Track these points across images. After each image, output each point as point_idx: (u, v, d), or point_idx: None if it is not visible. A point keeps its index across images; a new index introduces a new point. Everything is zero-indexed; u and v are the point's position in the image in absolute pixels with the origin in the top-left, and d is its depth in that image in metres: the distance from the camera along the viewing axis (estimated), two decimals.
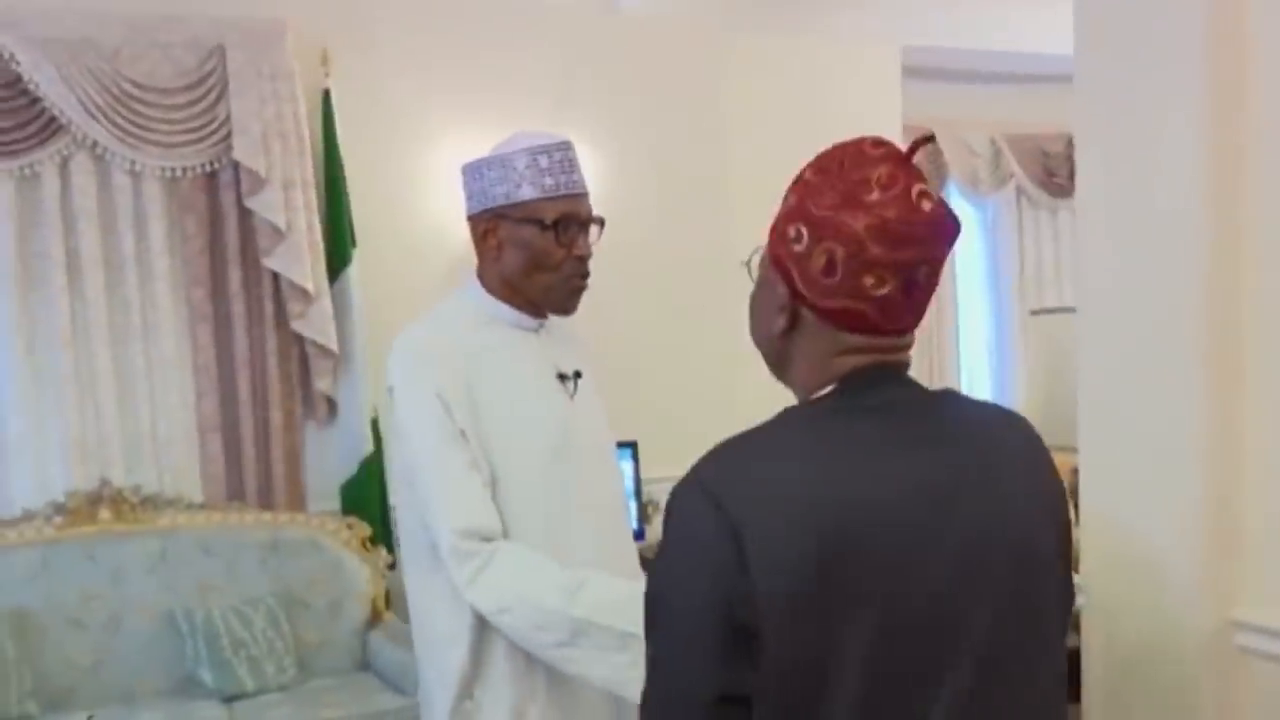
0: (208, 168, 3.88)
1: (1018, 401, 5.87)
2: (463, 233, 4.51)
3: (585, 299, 1.94)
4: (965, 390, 5.95)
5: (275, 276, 3.94)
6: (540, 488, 1.84)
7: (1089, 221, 2.50)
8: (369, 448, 4.00)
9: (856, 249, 1.09)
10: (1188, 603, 2.26)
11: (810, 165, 1.16)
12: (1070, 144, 6.16)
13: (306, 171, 3.97)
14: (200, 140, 3.84)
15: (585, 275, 1.90)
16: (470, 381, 1.81)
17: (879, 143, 1.14)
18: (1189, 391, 2.24)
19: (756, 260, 1.24)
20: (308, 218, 3.95)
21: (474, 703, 1.84)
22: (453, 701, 1.83)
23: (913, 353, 1.19)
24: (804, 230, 1.13)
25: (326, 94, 4.05)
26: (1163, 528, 2.31)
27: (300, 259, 3.89)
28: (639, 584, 1.67)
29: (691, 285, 4.62)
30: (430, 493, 1.79)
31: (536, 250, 1.84)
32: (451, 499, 1.77)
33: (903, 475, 1.09)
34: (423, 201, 4.24)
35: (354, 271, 4.03)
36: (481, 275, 1.92)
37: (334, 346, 3.98)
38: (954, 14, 4.95)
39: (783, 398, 1.23)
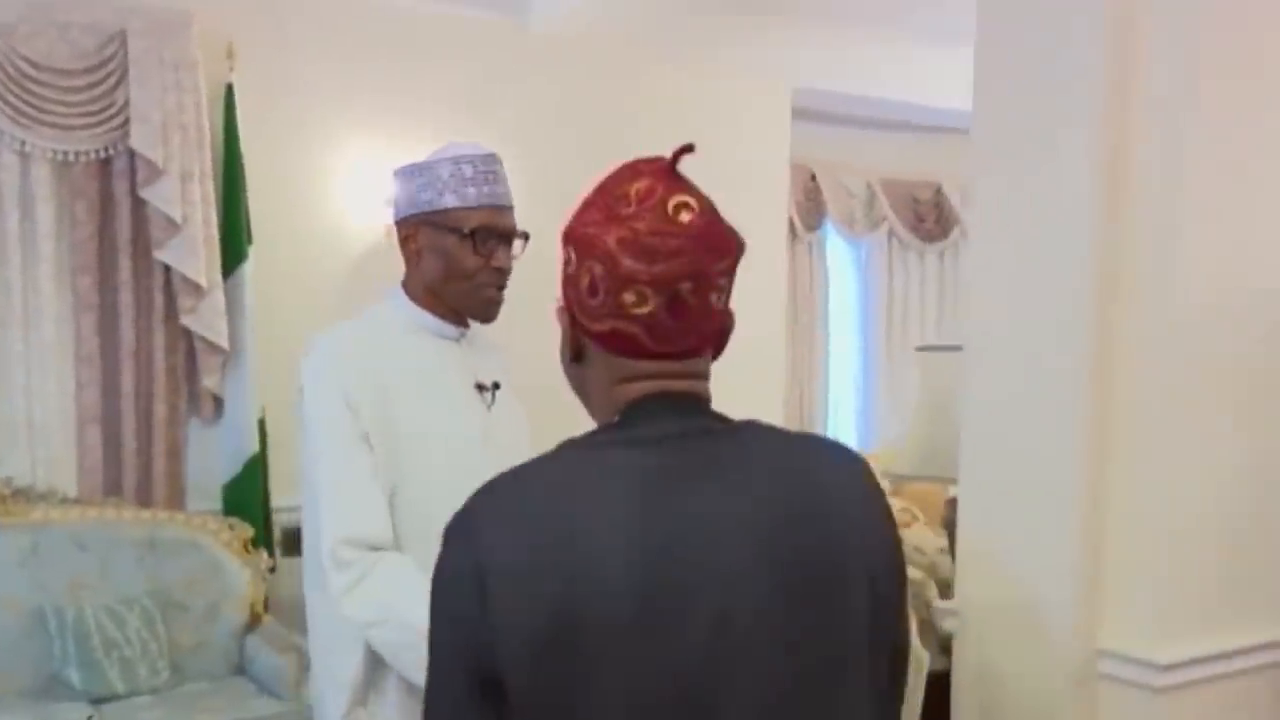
0: (102, 153, 3.77)
1: (894, 435, 6.16)
2: (363, 235, 4.55)
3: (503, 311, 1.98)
4: (831, 426, 6.27)
5: (167, 269, 3.85)
6: (453, 497, 1.85)
7: (978, 263, 2.66)
8: (254, 448, 3.93)
9: (611, 265, 1.04)
10: (1058, 632, 2.38)
11: (590, 190, 1.14)
12: (938, 191, 6.57)
13: (205, 164, 3.90)
14: (96, 125, 3.73)
15: (501, 287, 1.93)
16: (385, 386, 1.82)
17: (651, 159, 1.13)
18: (1066, 431, 2.38)
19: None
20: (204, 211, 3.87)
21: (366, 712, 1.83)
22: (345, 708, 1.82)
23: (783, 387, 1.19)
24: (572, 251, 1.10)
25: (230, 88, 3.99)
26: (1036, 560, 2.43)
27: (194, 253, 3.82)
28: None
29: None
30: (320, 496, 1.79)
31: (453, 258, 1.87)
32: (341, 505, 1.77)
33: (660, 518, 1.02)
34: (323, 202, 4.21)
35: (249, 268, 3.97)
36: (405, 282, 1.95)
37: (224, 343, 3.90)
38: (843, 59, 5.20)
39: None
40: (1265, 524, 2.45)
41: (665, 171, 1.11)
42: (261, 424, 3.96)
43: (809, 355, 6.20)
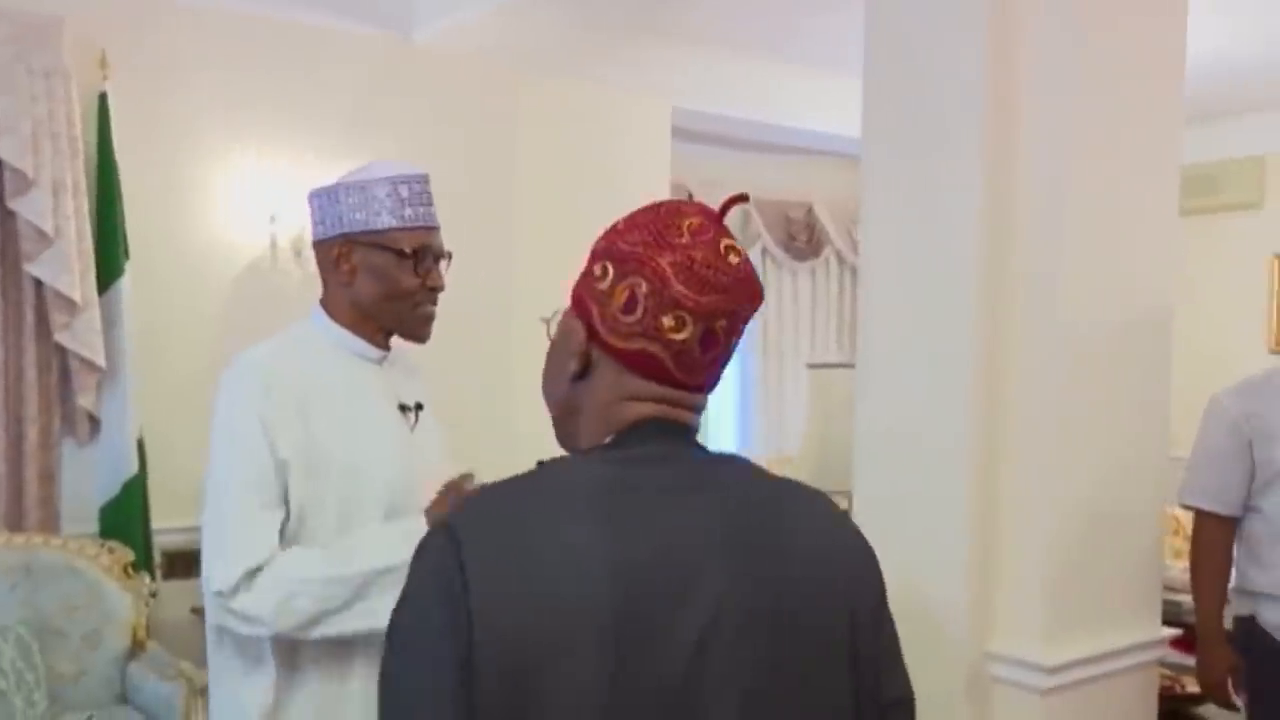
0: None
1: (773, 448, 6.32)
2: (246, 249, 4.45)
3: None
4: (712, 438, 6.39)
5: (38, 284, 3.70)
6: (377, 516, 1.84)
7: (870, 282, 2.77)
8: (133, 469, 3.80)
9: (660, 284, 1.08)
10: (950, 637, 2.48)
11: (622, 217, 1.16)
12: (809, 211, 6.79)
13: (78, 175, 3.76)
14: None
15: (435, 305, 1.94)
16: (307, 407, 1.80)
17: (694, 202, 1.17)
18: (957, 442, 2.47)
19: (556, 320, 1.21)
20: (78, 224, 3.74)
21: None
22: None
23: None
24: (609, 266, 1.12)
25: (103, 96, 3.87)
26: (928, 568, 2.51)
27: (68, 267, 3.68)
28: (406, 521, 1.79)
29: (469, 313, 4.70)
30: (218, 523, 1.77)
31: (392, 278, 1.86)
32: (244, 534, 1.75)
33: (643, 537, 1.04)
34: (204, 215, 4.11)
35: (126, 283, 3.85)
36: (326, 303, 1.92)
37: (100, 360, 3.76)
38: (721, 81, 5.34)
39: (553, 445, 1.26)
40: (1137, 530, 2.63)
41: (716, 216, 1.14)
42: (140, 444, 3.83)
43: None
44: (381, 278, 1.87)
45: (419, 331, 1.95)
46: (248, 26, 4.20)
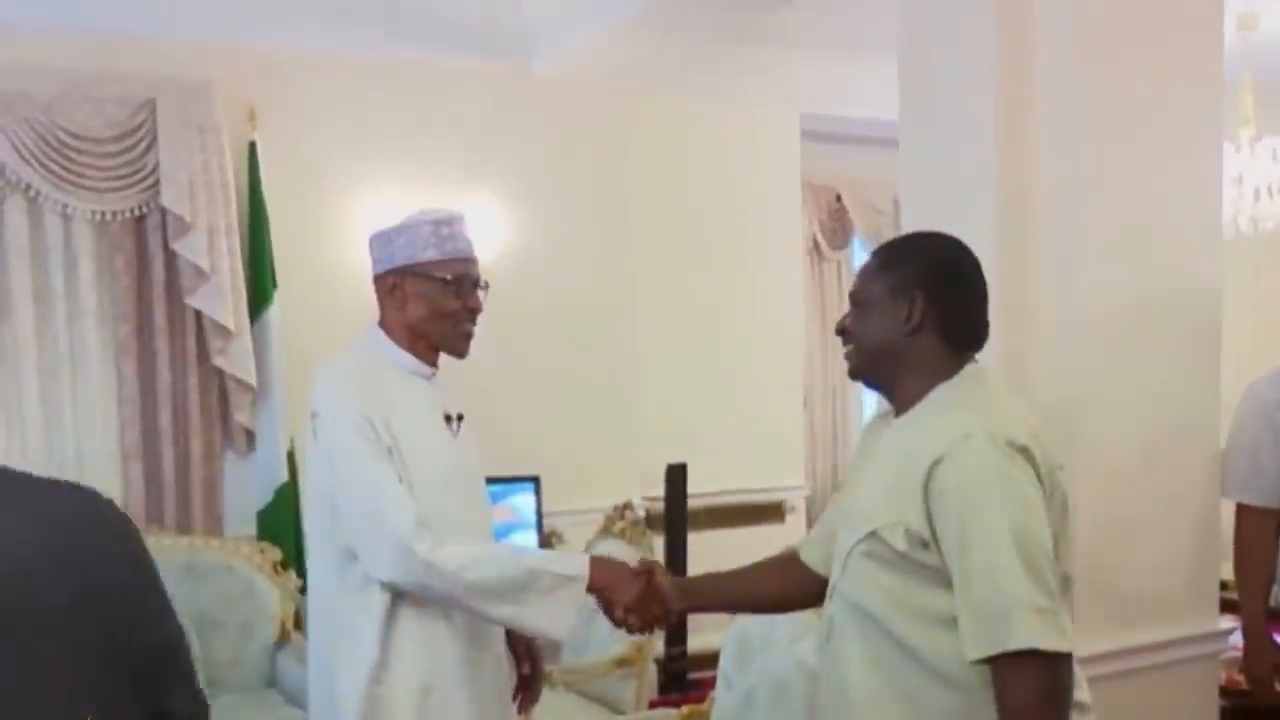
0: (136, 212, 4.14)
1: None
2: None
3: (498, 343, 2.27)
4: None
5: (198, 314, 4.19)
6: (433, 511, 2.11)
7: None
8: (285, 477, 4.24)
9: None
10: None
11: None
12: None
13: (231, 218, 4.24)
14: (130, 187, 4.10)
15: (474, 324, 2.25)
16: (386, 413, 2.11)
17: None
18: None
19: None
20: (230, 261, 4.21)
21: (384, 687, 2.09)
22: (365, 688, 2.08)
23: (799, 401, 1.38)
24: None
25: (252, 146, 4.33)
26: None
27: (222, 299, 4.16)
28: (574, 555, 2.13)
29: (594, 331, 4.93)
30: (371, 497, 2.05)
31: (437, 302, 2.18)
32: (399, 499, 2.05)
33: None
34: (342, 247, 4.51)
35: (274, 311, 4.30)
36: (386, 326, 2.24)
37: (253, 381, 4.23)
38: (850, 82, 5.34)
39: (686, 436, 1.42)
40: (1183, 522, 2.54)
41: None
42: (290, 455, 4.26)
43: (840, 371, 6.30)
44: (429, 302, 2.19)
45: (460, 347, 2.26)
46: (376, 71, 4.59)
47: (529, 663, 2.41)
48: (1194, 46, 2.62)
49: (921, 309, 1.70)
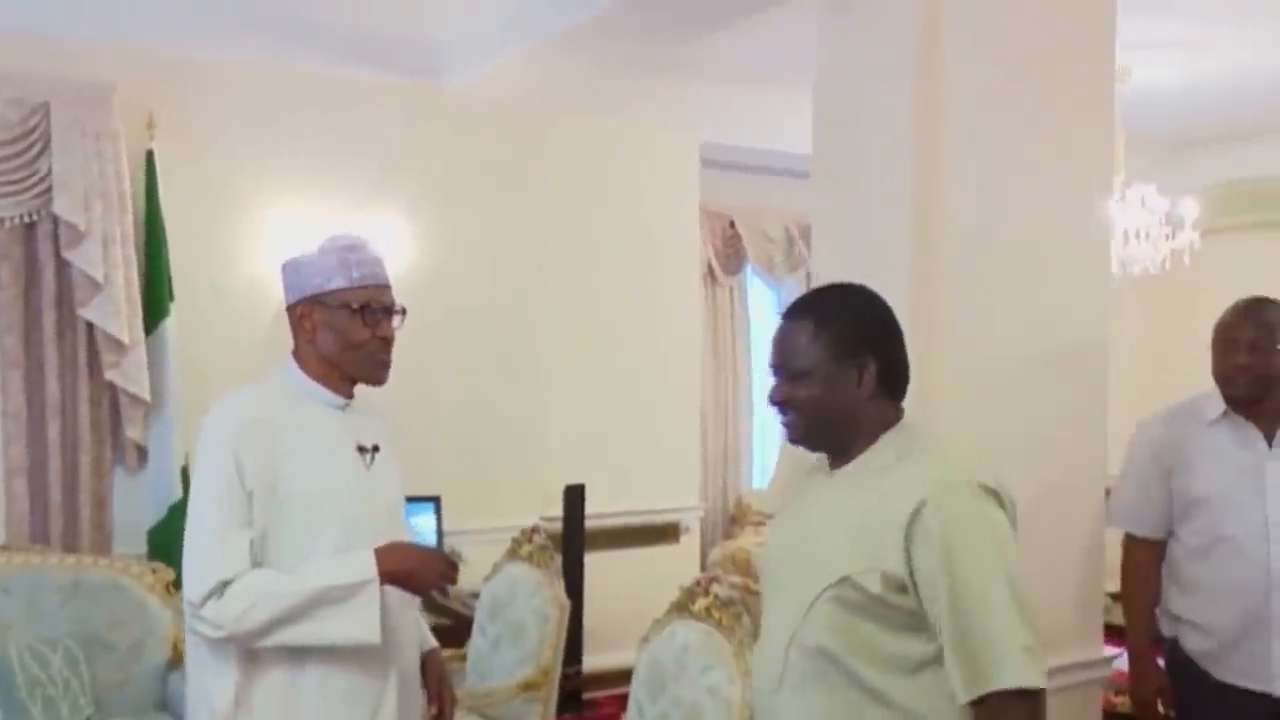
0: (26, 219, 4.00)
1: None
2: (280, 291, 4.77)
3: (399, 360, 2.27)
4: (758, 460, 6.51)
5: (90, 326, 4.07)
6: (334, 542, 2.12)
7: None
8: (178, 494, 4.13)
9: None
10: None
11: None
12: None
13: (127, 227, 4.12)
14: (21, 192, 3.96)
15: (388, 352, 2.24)
16: (275, 447, 2.09)
17: None
18: None
19: None
20: (126, 272, 4.10)
21: None
22: None
23: (697, 425, 1.41)
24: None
25: (150, 154, 4.23)
26: None
27: (117, 311, 4.04)
28: (355, 553, 2.07)
29: (497, 350, 4.95)
30: (188, 548, 2.07)
31: (346, 331, 2.17)
32: (207, 551, 2.04)
33: None
34: (243, 261, 4.44)
35: (171, 324, 4.20)
36: (298, 356, 2.23)
37: (145, 395, 4.12)
38: (748, 112, 5.49)
39: (585, 457, 1.44)
40: (1074, 553, 2.70)
41: None
42: (184, 471, 4.16)
43: (732, 394, 6.46)
44: (337, 331, 2.17)
45: (376, 376, 2.25)
46: (283, 82, 4.53)
47: (436, 704, 2.38)
48: (1087, 101, 2.80)
49: (874, 372, 1.74)
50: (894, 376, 1.78)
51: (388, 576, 2.08)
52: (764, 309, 6.68)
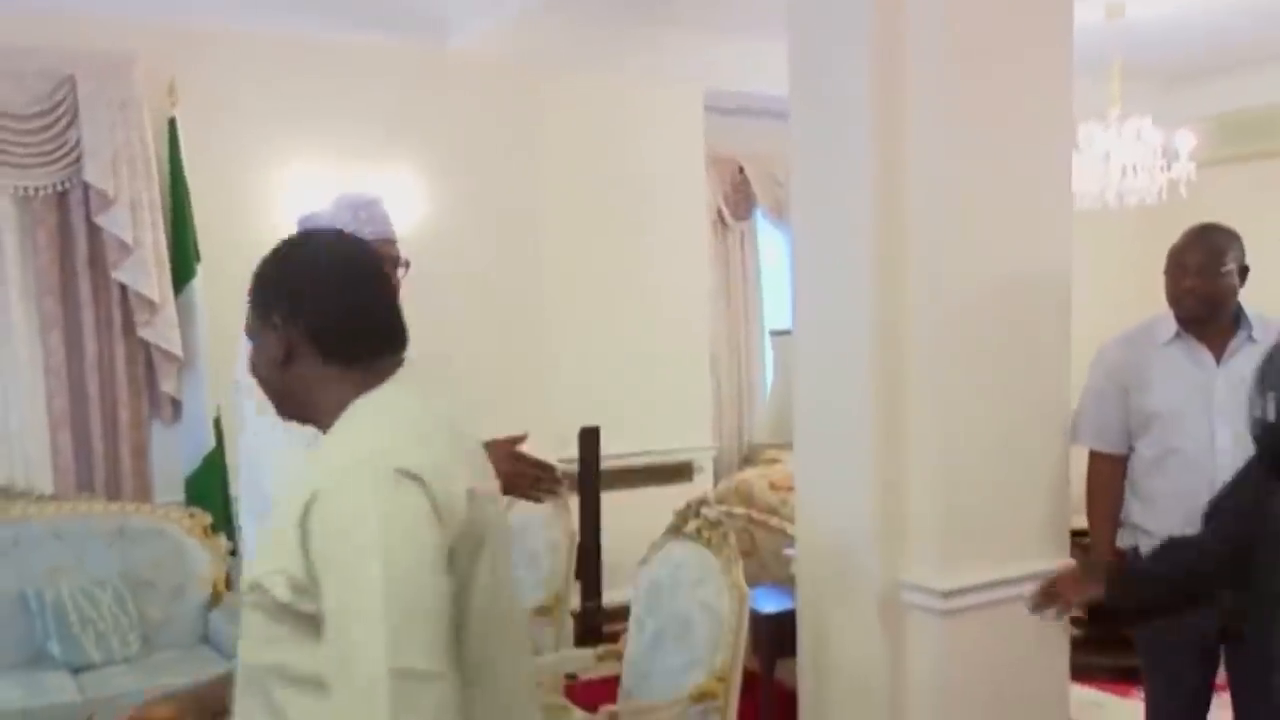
0: (59, 187, 4.23)
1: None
2: None
3: (411, 314, 2.43)
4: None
5: (123, 287, 4.30)
6: None
7: (796, 254, 3.09)
8: (211, 444, 4.39)
9: None
10: (868, 567, 2.82)
11: None
12: None
13: (153, 192, 4.34)
14: (52, 163, 4.19)
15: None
16: None
17: None
18: (864, 399, 2.79)
19: None
20: (154, 234, 4.32)
21: None
22: None
23: (707, 370, 1.44)
24: None
25: (173, 121, 4.43)
26: (850, 507, 2.86)
27: (147, 271, 4.27)
28: None
29: (508, 302, 5.15)
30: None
31: None
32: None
33: None
34: (263, 219, 4.62)
35: (198, 283, 4.43)
36: None
37: (178, 351, 4.36)
38: (754, 59, 5.59)
39: (598, 401, 1.55)
40: (1039, 468, 2.86)
41: None
42: (217, 422, 4.41)
43: (745, 337, 6.62)
44: None
45: None
46: (295, 49, 4.71)
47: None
48: (1048, 36, 2.90)
49: (287, 338, 1.48)
50: (332, 338, 1.49)
51: None
52: (775, 253, 6.81)
